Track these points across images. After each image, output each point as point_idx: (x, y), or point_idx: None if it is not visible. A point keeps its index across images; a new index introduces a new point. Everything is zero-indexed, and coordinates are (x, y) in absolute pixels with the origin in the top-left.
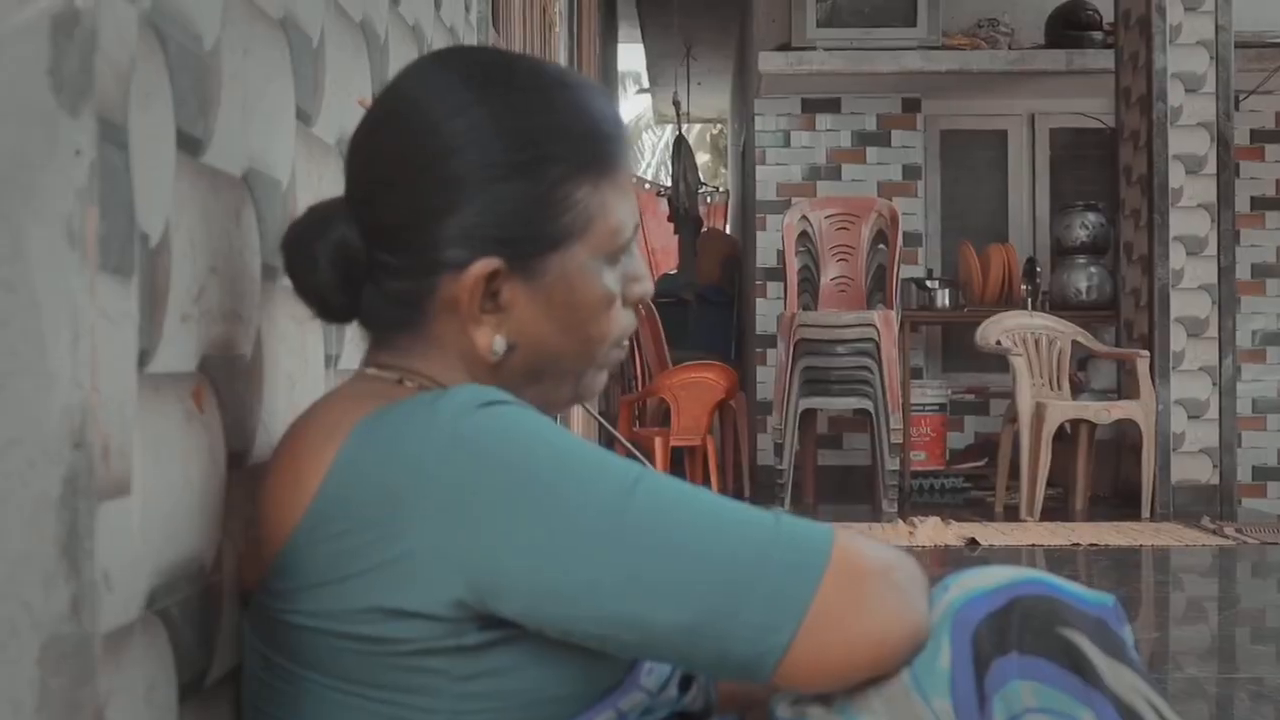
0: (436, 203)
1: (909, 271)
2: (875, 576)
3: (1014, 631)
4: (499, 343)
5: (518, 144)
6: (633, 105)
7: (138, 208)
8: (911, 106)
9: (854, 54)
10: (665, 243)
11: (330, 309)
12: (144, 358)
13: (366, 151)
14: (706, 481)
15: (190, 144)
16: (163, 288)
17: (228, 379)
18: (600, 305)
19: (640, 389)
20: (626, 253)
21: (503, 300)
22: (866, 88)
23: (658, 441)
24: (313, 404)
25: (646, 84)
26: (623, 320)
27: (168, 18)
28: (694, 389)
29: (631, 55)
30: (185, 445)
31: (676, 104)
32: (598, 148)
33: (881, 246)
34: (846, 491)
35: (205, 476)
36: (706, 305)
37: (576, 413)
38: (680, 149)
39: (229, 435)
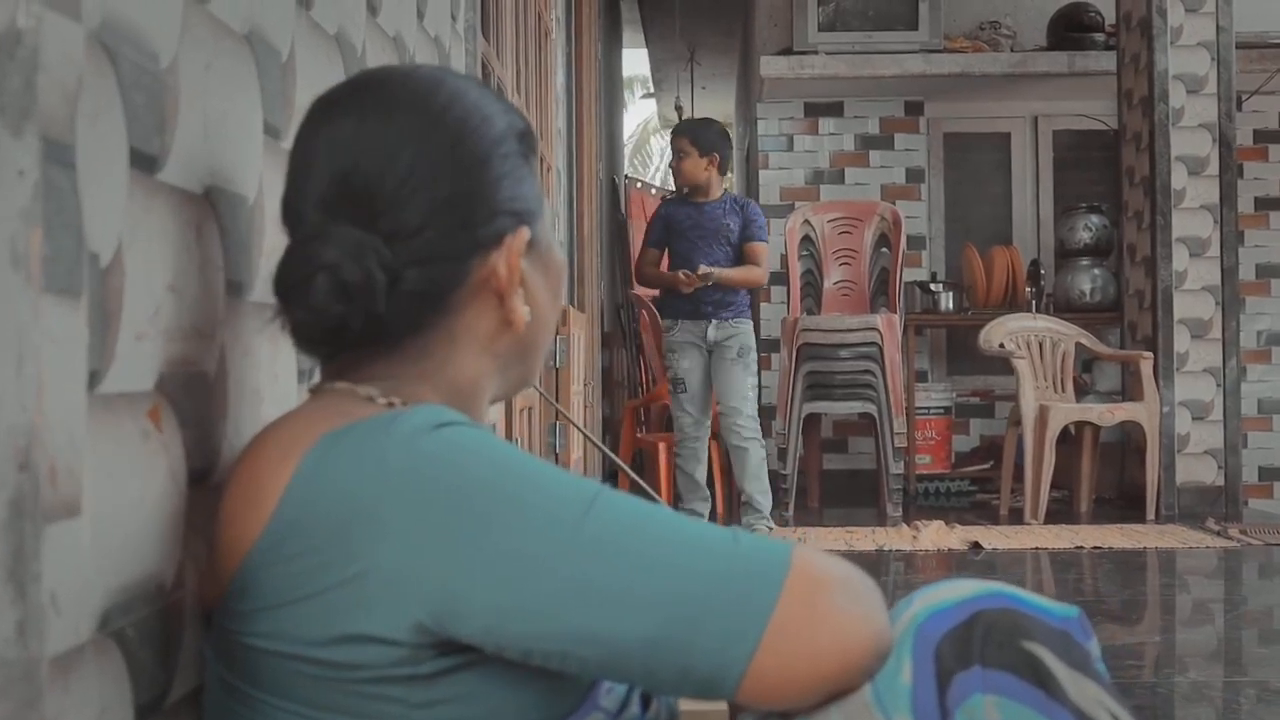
0: (464, 187)
1: (913, 274)
2: (836, 586)
3: (976, 645)
4: (527, 312)
5: (504, 123)
6: (639, 110)
7: (86, 227)
8: (914, 110)
9: (856, 58)
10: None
11: (346, 335)
12: (95, 378)
13: (371, 169)
14: (711, 487)
15: (145, 161)
16: (115, 307)
17: (189, 397)
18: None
19: (644, 394)
20: None
21: (524, 272)
22: (869, 91)
23: (661, 447)
24: (274, 420)
25: (652, 89)
26: None
27: (119, 35)
28: None
29: (637, 60)
30: (141, 464)
31: (679, 109)
32: (527, 126)
33: (884, 250)
34: (851, 496)
35: (163, 495)
36: None
37: (574, 436)
38: None
39: (190, 453)
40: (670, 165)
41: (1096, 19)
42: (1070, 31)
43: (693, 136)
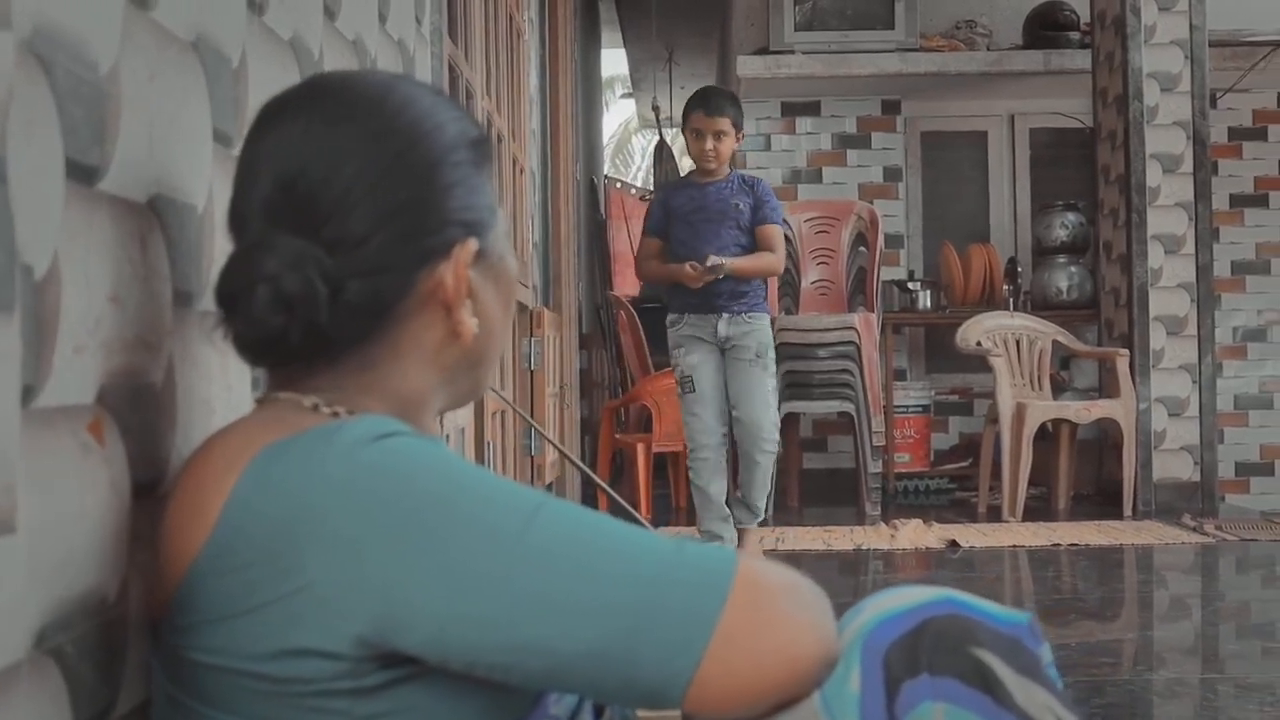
0: (412, 196)
1: (891, 273)
2: (782, 595)
3: (925, 653)
4: (475, 324)
5: (455, 130)
6: (620, 110)
7: (19, 240)
8: (891, 108)
9: (832, 57)
10: None
11: (286, 346)
12: (30, 393)
13: (316, 177)
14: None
15: (83, 173)
16: (51, 320)
17: (134, 408)
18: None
19: (623, 395)
20: None
21: (472, 283)
22: (846, 90)
23: (640, 447)
24: (218, 431)
25: (631, 89)
26: None
27: (54, 44)
28: (675, 395)
29: (617, 60)
30: (81, 478)
31: (656, 109)
32: (481, 134)
33: (862, 249)
34: (831, 495)
35: (105, 508)
36: None
37: (552, 459)
38: (661, 153)
39: (135, 465)
40: (691, 152)
41: (1071, 18)
42: (1045, 30)
43: (734, 115)
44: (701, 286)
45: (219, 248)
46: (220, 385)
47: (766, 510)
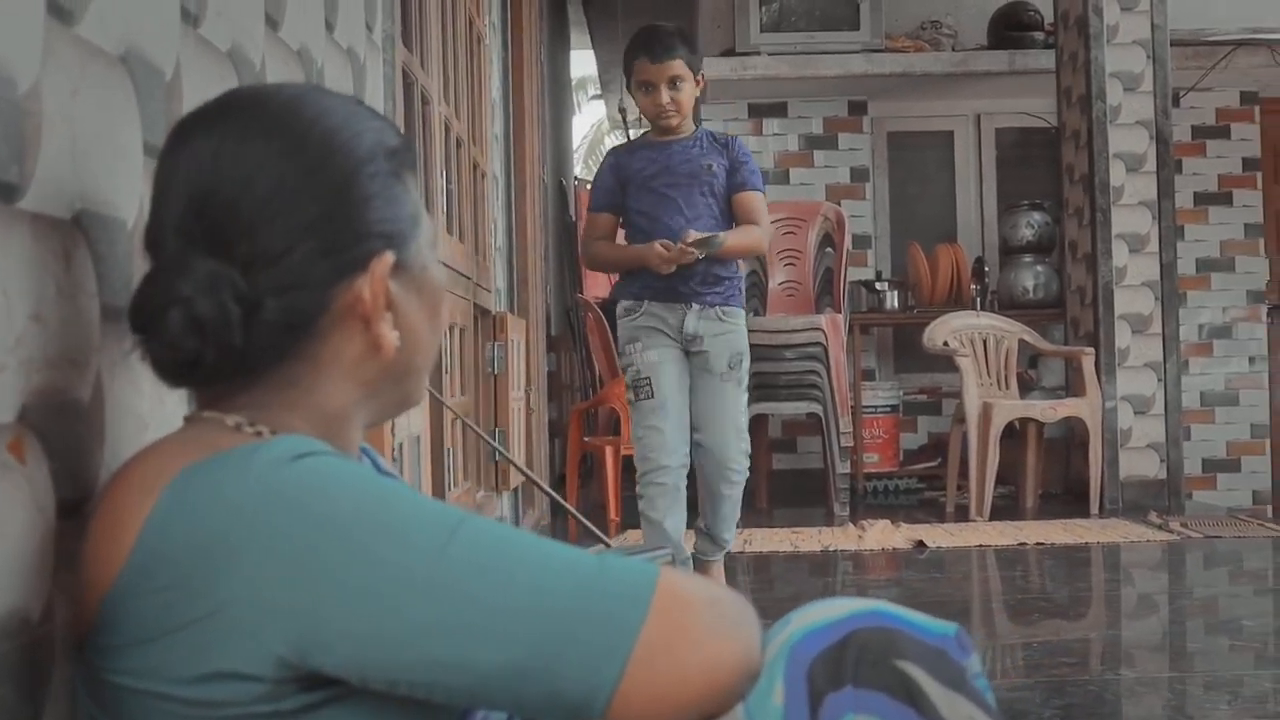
0: (326, 211)
1: (859, 274)
2: (704, 608)
3: (849, 665)
4: (396, 337)
5: (370, 141)
6: (593, 111)
7: None
8: (858, 109)
9: (798, 58)
10: None
11: (202, 368)
12: None
13: (226, 193)
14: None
15: (2, 191)
16: None
17: (59, 426)
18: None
19: (592, 397)
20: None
21: (392, 296)
22: (812, 91)
23: (608, 451)
24: (141, 450)
25: (600, 90)
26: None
27: None
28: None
29: (589, 61)
30: (2, 498)
31: (622, 111)
32: (405, 143)
33: (828, 250)
34: (801, 495)
35: (27, 528)
36: None
37: (514, 446)
38: None
39: (60, 483)
40: (644, 110)
41: (1036, 18)
42: (1010, 30)
43: (687, 56)
44: (674, 271)
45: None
46: (153, 399)
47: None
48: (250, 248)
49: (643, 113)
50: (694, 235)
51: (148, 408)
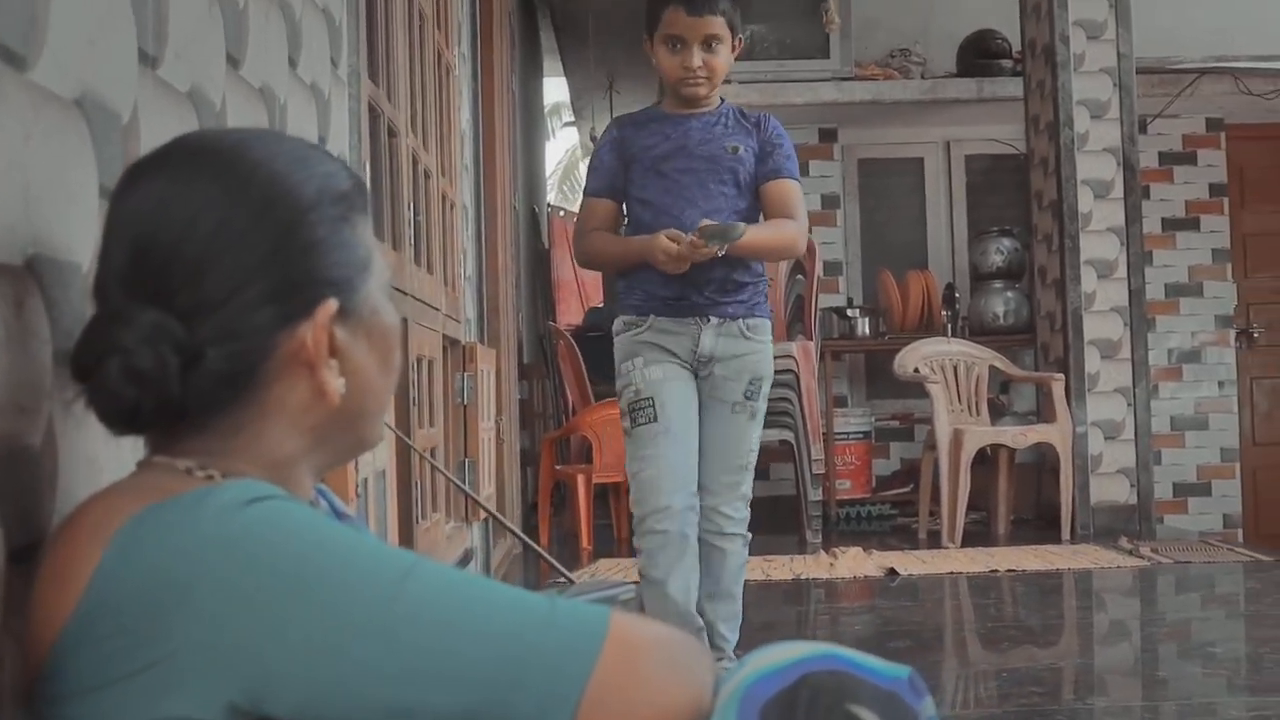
0: (267, 259)
1: (830, 300)
2: (654, 650)
3: (802, 709)
4: (342, 383)
5: (315, 187)
6: (566, 137)
7: None
8: (828, 136)
9: (769, 86)
10: (592, 275)
11: (142, 417)
12: None
13: (166, 241)
14: (631, 518)
15: None
16: None
17: (7, 472)
18: (397, 334)
19: (564, 426)
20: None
21: (337, 342)
22: (783, 119)
23: (580, 479)
24: (91, 496)
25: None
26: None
27: None
28: (615, 425)
29: (562, 87)
30: None
31: (594, 138)
32: (356, 187)
33: (799, 277)
34: (774, 523)
35: None
36: None
37: (483, 476)
38: None
39: (10, 529)
40: (666, 73)
41: (1004, 46)
42: (979, 58)
43: (730, 14)
44: (685, 272)
45: None
46: (107, 444)
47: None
48: (191, 297)
49: (664, 75)
50: (708, 223)
51: (101, 452)
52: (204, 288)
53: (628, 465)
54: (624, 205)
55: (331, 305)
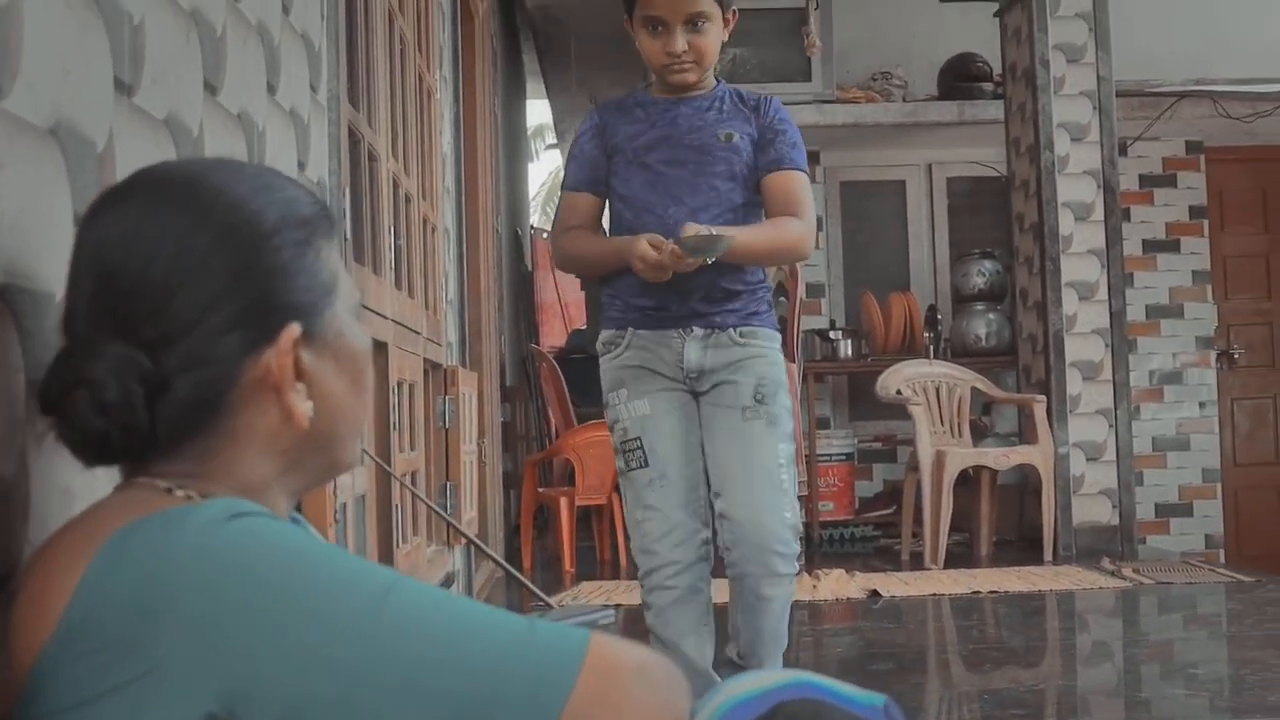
0: (230, 286)
1: (813, 322)
2: (631, 675)
3: None
4: (310, 407)
5: (275, 214)
6: (550, 159)
7: None
8: (810, 159)
9: None
10: (575, 297)
11: (110, 448)
12: None
13: (127, 272)
14: (614, 540)
15: None
16: None
17: None
18: (367, 355)
19: (546, 448)
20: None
21: (303, 366)
22: None
23: (563, 501)
24: (73, 518)
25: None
26: (372, 371)
27: None
28: (598, 448)
29: (545, 109)
30: None
31: None
32: (320, 211)
33: (782, 299)
34: None
35: None
36: None
37: (464, 500)
38: None
39: None
40: (649, 58)
41: (984, 69)
42: (960, 81)
43: None
44: (669, 280)
45: None
46: (82, 474)
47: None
48: (155, 328)
49: (646, 60)
50: (693, 229)
51: (75, 482)
52: (168, 317)
53: (626, 511)
54: (605, 196)
55: (294, 330)
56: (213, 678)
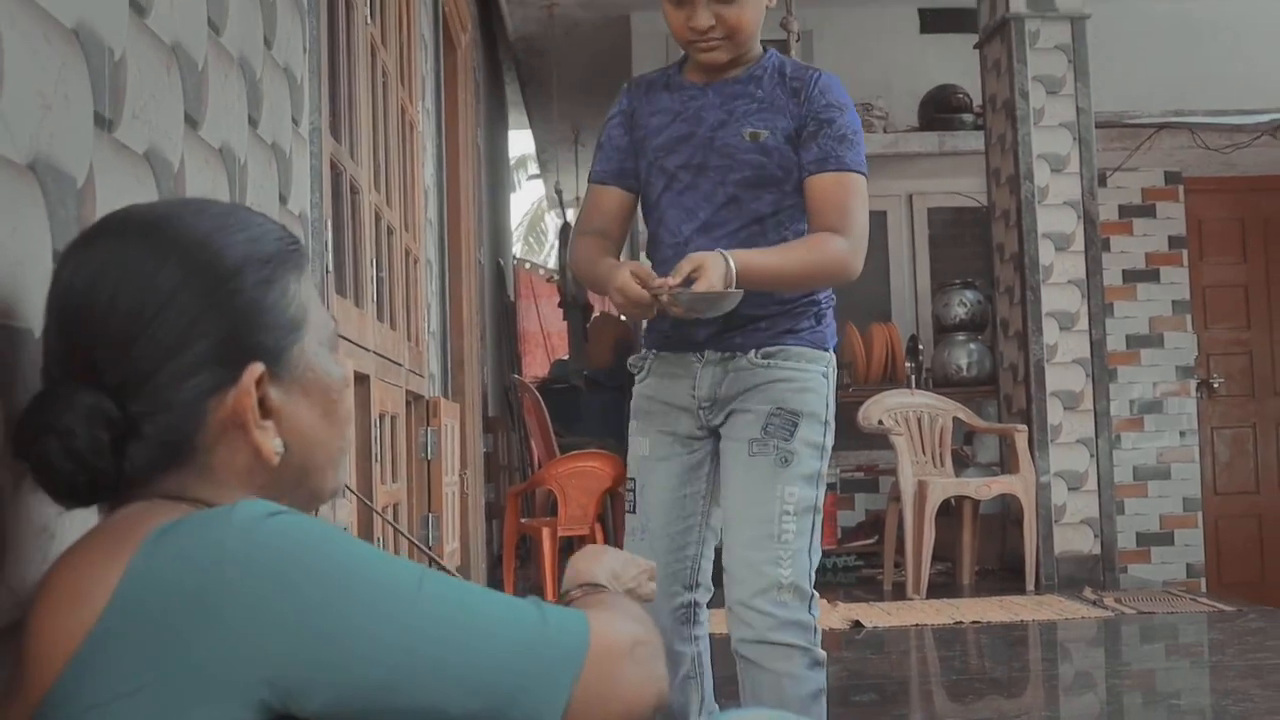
0: (192, 328)
1: None
2: (627, 656)
3: None
4: (279, 443)
5: (238, 253)
6: (532, 189)
7: None
8: None
9: None
10: (558, 327)
11: (80, 490)
12: None
13: (92, 316)
14: None
15: None
16: None
17: None
18: (340, 386)
19: (529, 479)
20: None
21: (271, 403)
22: None
23: (545, 532)
24: (85, 534)
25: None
26: (351, 400)
27: None
28: (580, 478)
29: (528, 139)
30: None
31: (559, 191)
32: (286, 247)
33: None
34: None
35: None
36: (598, 389)
37: (447, 531)
38: (566, 235)
39: None
40: (675, 32)
41: (965, 100)
42: (940, 113)
43: None
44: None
45: None
46: (61, 514)
47: None
48: (121, 370)
49: (673, 33)
50: (673, 283)
51: (53, 518)
52: (133, 360)
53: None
54: (634, 189)
55: (256, 369)
56: (264, 665)
